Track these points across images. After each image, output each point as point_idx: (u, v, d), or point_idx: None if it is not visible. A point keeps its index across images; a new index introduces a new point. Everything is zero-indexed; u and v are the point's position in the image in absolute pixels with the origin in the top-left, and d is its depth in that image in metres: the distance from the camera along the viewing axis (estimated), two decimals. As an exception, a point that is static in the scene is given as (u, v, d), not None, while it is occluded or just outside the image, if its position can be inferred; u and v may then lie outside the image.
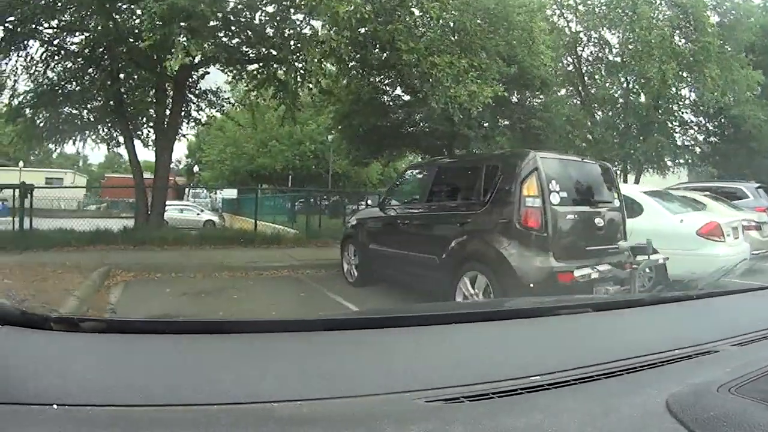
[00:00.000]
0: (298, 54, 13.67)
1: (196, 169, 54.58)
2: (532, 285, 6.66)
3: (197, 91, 17.59)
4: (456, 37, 14.44)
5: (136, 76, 16.83)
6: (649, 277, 8.49)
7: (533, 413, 1.16)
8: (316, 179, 37.02)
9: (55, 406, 1.05)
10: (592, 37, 24.75)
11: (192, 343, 1.48)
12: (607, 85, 25.08)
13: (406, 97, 21.27)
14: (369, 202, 10.39)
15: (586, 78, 25.61)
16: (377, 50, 14.12)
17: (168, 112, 16.09)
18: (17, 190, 13.64)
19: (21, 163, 39.50)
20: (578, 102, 25.48)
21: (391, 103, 21.99)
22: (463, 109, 14.06)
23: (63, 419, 1.02)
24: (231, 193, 37.73)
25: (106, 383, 1.17)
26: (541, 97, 21.92)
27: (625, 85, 24.53)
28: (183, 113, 17.12)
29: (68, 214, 21.26)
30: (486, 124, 20.70)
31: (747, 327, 1.91)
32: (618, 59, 24.17)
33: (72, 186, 27.68)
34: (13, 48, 14.43)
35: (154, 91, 16.57)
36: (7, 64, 14.87)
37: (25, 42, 14.60)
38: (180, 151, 67.21)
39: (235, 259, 12.35)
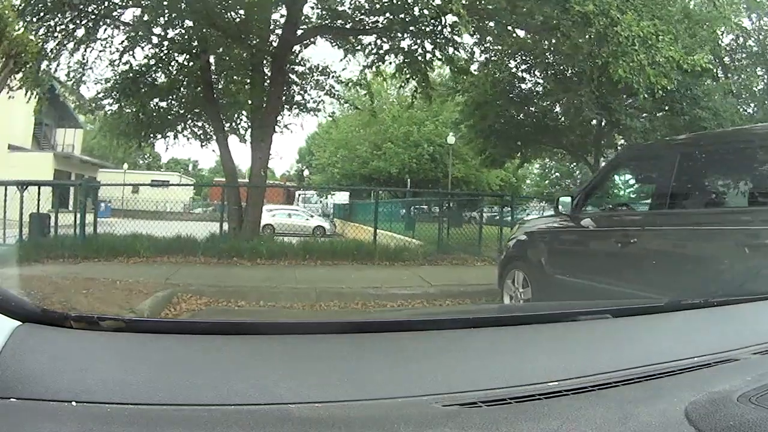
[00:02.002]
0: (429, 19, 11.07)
1: (306, 173, 53.51)
2: None
3: (301, 70, 14.91)
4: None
5: (227, 58, 14.19)
6: None
7: (551, 419, 1.15)
8: (434, 184, 34.80)
9: (73, 403, 1.05)
10: (732, 21, 20.86)
11: (211, 343, 1.46)
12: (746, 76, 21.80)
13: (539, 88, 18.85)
14: (561, 206, 6.62)
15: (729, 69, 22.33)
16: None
17: (265, 98, 13.42)
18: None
19: (125, 166, 39.05)
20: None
21: (534, 90, 19.17)
22: (649, 85, 10.65)
23: (81, 416, 1.03)
24: (343, 198, 35.74)
25: (125, 381, 1.17)
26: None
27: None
28: (283, 97, 14.31)
29: (173, 216, 20.11)
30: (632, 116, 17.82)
31: None
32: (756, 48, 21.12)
33: (136, 183, 26.29)
34: (91, 34, 12.65)
35: (249, 71, 13.88)
36: (84, 49, 12.97)
37: (102, 26, 12.77)
38: (291, 155, 66.79)
39: (349, 282, 9.49)
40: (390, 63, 13.38)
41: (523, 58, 17.61)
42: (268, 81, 13.52)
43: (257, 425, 1.04)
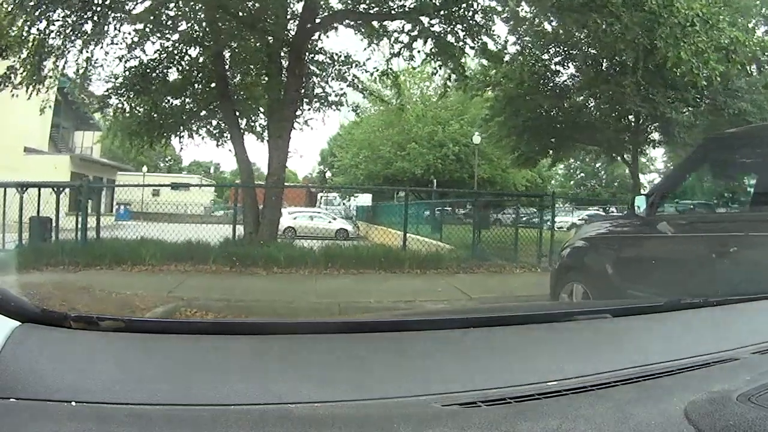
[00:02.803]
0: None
1: (328, 174, 52.96)
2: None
3: (321, 59, 13.87)
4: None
5: (240, 49, 13.30)
6: None
7: (550, 419, 1.13)
8: (459, 185, 33.65)
9: (73, 403, 1.05)
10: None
11: (210, 343, 1.46)
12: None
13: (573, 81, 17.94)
14: (638, 207, 5.41)
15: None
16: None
17: (282, 90, 12.46)
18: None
19: (144, 168, 38.48)
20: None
21: (569, 83, 18.20)
22: (709, 70, 9.79)
23: (81, 416, 1.03)
24: (365, 199, 35.31)
25: (125, 381, 1.17)
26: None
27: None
28: (302, 90, 13.34)
29: (193, 219, 19.05)
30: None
31: None
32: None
33: (143, 184, 26.20)
34: (97, 26, 11.81)
35: (266, 60, 12.80)
36: (93, 44, 12.20)
37: (110, 19, 11.96)
38: (312, 158, 66.50)
39: (377, 294, 8.51)
40: (418, 51, 12.40)
41: (557, 49, 16.68)
42: (285, 72, 12.61)
43: (257, 425, 1.03)
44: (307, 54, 12.82)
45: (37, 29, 11.54)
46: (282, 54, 12.64)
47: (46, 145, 28.71)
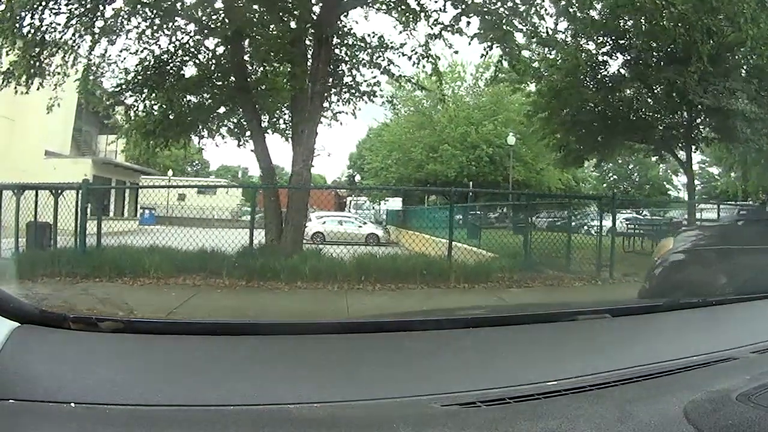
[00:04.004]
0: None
1: (357, 178, 52.26)
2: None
3: (350, 44, 12.60)
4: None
5: (261, 36, 11.90)
6: None
7: (549, 418, 1.15)
8: (493, 187, 32.48)
9: (72, 404, 1.06)
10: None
11: (210, 343, 1.48)
12: None
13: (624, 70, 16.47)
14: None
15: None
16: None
17: (308, 79, 11.22)
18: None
19: (170, 173, 37.94)
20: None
21: (621, 73, 16.59)
22: None
23: (81, 417, 1.04)
24: (396, 203, 34.67)
25: (124, 382, 1.18)
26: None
27: None
28: (330, 79, 12.10)
29: (219, 223, 18.72)
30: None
31: (766, 334, 1.83)
32: None
33: (148, 186, 26.61)
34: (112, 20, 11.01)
35: (289, 46, 11.41)
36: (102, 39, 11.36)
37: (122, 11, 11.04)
38: (341, 161, 66.29)
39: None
40: (461, 34, 10.97)
41: (605, 38, 15.30)
42: (310, 60, 11.44)
43: (257, 425, 1.05)
44: (334, 38, 11.58)
45: (39, 18, 10.56)
46: (307, 40, 11.48)
47: (68, 148, 28.26)
